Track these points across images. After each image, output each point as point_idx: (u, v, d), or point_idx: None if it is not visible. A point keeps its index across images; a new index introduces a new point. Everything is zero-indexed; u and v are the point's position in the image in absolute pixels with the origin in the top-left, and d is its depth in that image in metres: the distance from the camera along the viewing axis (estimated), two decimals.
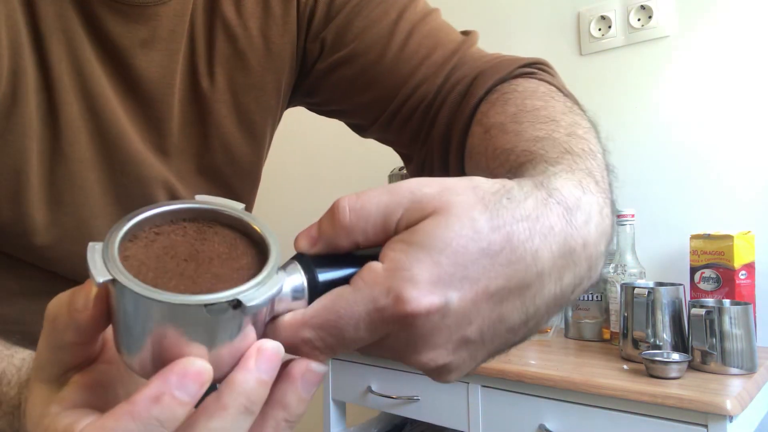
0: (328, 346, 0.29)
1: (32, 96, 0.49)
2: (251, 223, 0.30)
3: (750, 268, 1.31)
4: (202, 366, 0.26)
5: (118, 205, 0.55)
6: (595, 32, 1.64)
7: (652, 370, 1.12)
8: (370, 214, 0.29)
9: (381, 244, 0.30)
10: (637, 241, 1.44)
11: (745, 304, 1.19)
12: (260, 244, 0.29)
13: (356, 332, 0.28)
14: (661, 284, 1.32)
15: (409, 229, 0.29)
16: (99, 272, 0.25)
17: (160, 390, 0.25)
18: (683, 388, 1.05)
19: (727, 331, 1.14)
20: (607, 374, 1.15)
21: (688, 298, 1.34)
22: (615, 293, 1.38)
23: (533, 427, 1.20)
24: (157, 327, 0.25)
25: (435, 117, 0.57)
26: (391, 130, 0.62)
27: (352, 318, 0.28)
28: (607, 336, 1.43)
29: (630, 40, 1.60)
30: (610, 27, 1.62)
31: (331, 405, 1.60)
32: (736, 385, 1.07)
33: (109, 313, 0.28)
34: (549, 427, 1.17)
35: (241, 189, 0.64)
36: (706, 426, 1.01)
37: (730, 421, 0.99)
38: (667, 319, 1.24)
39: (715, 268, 1.32)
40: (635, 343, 1.25)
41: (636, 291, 1.26)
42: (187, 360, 0.25)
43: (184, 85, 0.57)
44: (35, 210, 0.51)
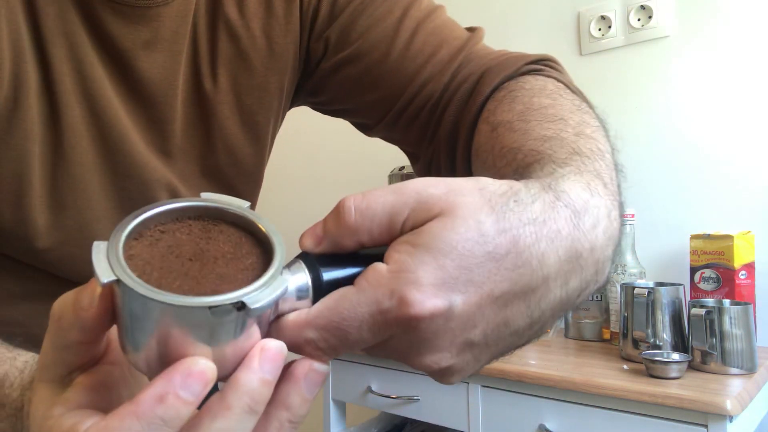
0: (331, 347, 0.29)
1: (34, 99, 0.49)
2: (256, 222, 0.30)
3: (750, 268, 1.31)
4: (205, 365, 0.26)
5: (120, 208, 0.55)
6: (595, 32, 1.64)
7: (652, 370, 1.12)
8: (376, 215, 0.29)
9: (386, 244, 0.30)
10: (637, 241, 1.44)
11: (745, 304, 1.19)
12: (265, 244, 0.29)
13: (359, 334, 0.28)
14: (661, 284, 1.32)
15: (415, 231, 0.29)
16: (103, 272, 0.25)
17: (165, 390, 0.25)
18: (683, 388, 1.05)
19: (727, 331, 1.14)
20: (607, 374, 1.15)
21: (688, 298, 1.34)
22: (615, 293, 1.38)
23: (533, 427, 1.20)
24: (161, 327, 0.25)
25: (442, 115, 0.57)
26: (397, 129, 0.61)
27: (355, 320, 0.28)
28: (607, 336, 1.43)
29: (630, 40, 1.60)
30: (610, 27, 1.62)
31: (331, 405, 1.60)
32: (736, 385, 1.07)
33: (114, 312, 0.28)
34: (549, 427, 1.17)
35: (244, 190, 0.64)
36: (706, 426, 1.01)
37: (730, 421, 0.99)
38: (667, 319, 1.24)
39: (715, 268, 1.32)
40: (635, 343, 1.25)
41: (636, 291, 1.26)
42: (191, 360, 0.25)
43: (186, 87, 0.57)
44: (37, 213, 0.50)
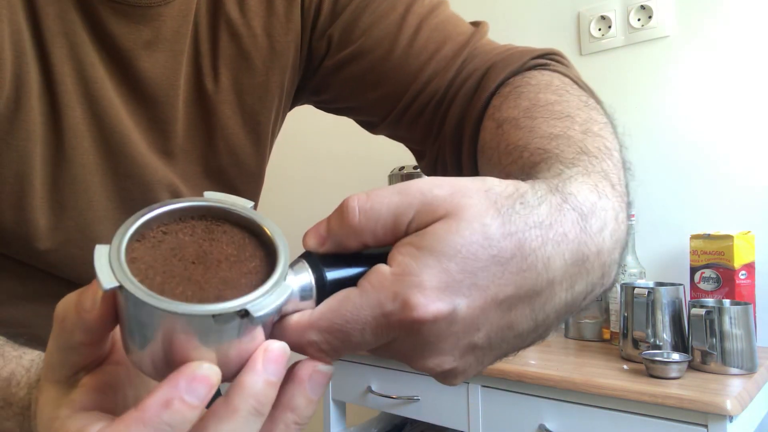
0: (334, 349, 0.29)
1: (35, 100, 0.48)
2: (260, 223, 0.29)
3: (750, 268, 1.31)
4: (209, 369, 0.26)
5: (122, 209, 0.55)
6: (595, 32, 1.64)
7: (652, 370, 1.12)
8: (380, 216, 0.29)
9: (390, 244, 0.29)
10: (637, 241, 1.44)
11: (745, 304, 1.19)
12: (269, 245, 0.29)
13: (362, 336, 0.28)
14: (661, 284, 1.32)
15: (419, 232, 0.28)
16: (106, 278, 0.25)
17: (170, 395, 0.25)
18: (683, 388, 1.05)
19: (727, 331, 1.14)
20: (607, 374, 1.15)
21: (688, 298, 1.34)
22: (615, 293, 1.38)
23: (533, 427, 1.20)
24: (165, 333, 0.25)
25: (446, 112, 0.56)
26: (401, 127, 0.61)
27: (358, 322, 0.28)
28: (607, 336, 1.43)
29: (630, 40, 1.60)
30: (610, 27, 1.62)
31: (331, 405, 1.60)
32: (736, 385, 1.07)
33: (117, 314, 0.28)
34: (549, 427, 1.17)
35: (246, 190, 0.64)
36: (706, 426, 1.01)
37: (730, 421, 0.99)
38: (667, 319, 1.24)
39: (715, 268, 1.32)
40: (635, 343, 1.25)
41: (636, 291, 1.26)
42: (195, 364, 0.25)
43: (188, 86, 0.57)
44: (38, 214, 0.50)
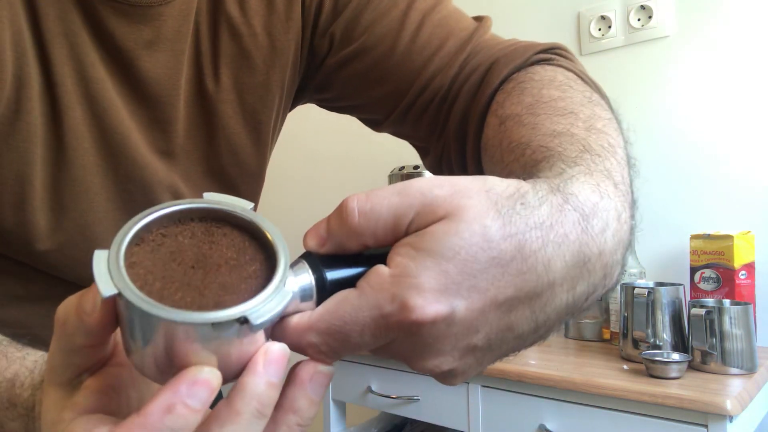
0: (333, 350, 0.29)
1: (36, 101, 0.48)
2: (261, 225, 0.29)
3: (750, 268, 1.31)
4: (210, 373, 0.26)
5: (122, 210, 0.55)
6: (595, 32, 1.64)
7: (652, 370, 1.12)
8: (380, 217, 0.29)
9: (391, 244, 0.29)
10: (637, 241, 1.44)
11: (745, 304, 1.19)
12: (269, 248, 0.29)
13: (361, 338, 0.28)
14: (661, 284, 1.32)
15: (418, 233, 0.28)
16: (104, 285, 0.25)
17: (172, 400, 0.25)
18: (683, 388, 1.05)
19: (727, 331, 1.14)
20: (607, 374, 1.15)
21: (688, 298, 1.34)
22: (615, 293, 1.37)
23: (533, 427, 1.20)
24: (164, 339, 0.25)
25: (450, 109, 0.56)
26: (405, 124, 0.61)
27: (356, 324, 0.28)
28: (607, 336, 1.43)
29: (630, 40, 1.60)
30: (610, 27, 1.62)
31: (331, 405, 1.60)
32: (736, 385, 1.07)
33: (117, 317, 0.28)
34: (549, 427, 1.17)
35: (247, 190, 0.64)
36: (706, 426, 1.01)
37: (730, 421, 0.99)
38: (667, 319, 1.24)
39: (715, 268, 1.32)
40: (635, 343, 1.25)
41: (636, 291, 1.26)
42: (196, 368, 0.25)
43: (189, 86, 0.57)
44: (38, 216, 0.50)
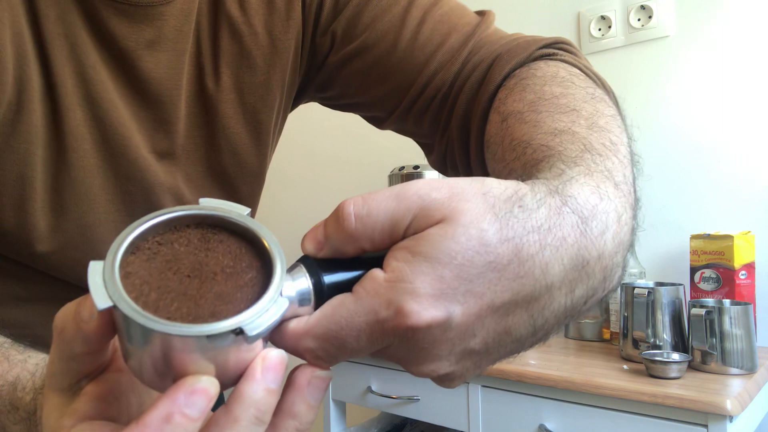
0: (330, 355, 0.28)
1: (37, 103, 0.48)
2: (257, 232, 0.29)
3: (750, 268, 1.31)
4: (208, 382, 0.26)
5: (123, 212, 0.55)
6: (595, 32, 1.65)
7: (652, 370, 1.12)
8: (377, 222, 0.28)
9: (389, 248, 0.29)
10: (637, 241, 1.43)
11: (745, 304, 1.19)
12: (265, 255, 0.29)
13: (357, 343, 0.28)
14: (661, 284, 1.32)
15: (415, 236, 0.28)
16: (100, 298, 0.25)
17: (170, 409, 0.25)
18: (683, 388, 1.05)
19: (727, 331, 1.14)
20: (607, 374, 1.15)
21: (688, 298, 1.34)
22: (615, 293, 1.38)
23: (533, 427, 1.20)
24: (161, 350, 0.25)
25: (453, 105, 0.55)
26: (408, 121, 0.60)
27: (352, 329, 0.28)
28: (607, 336, 1.43)
29: (630, 40, 1.60)
30: (610, 27, 1.62)
31: (331, 405, 1.60)
32: (736, 385, 1.07)
33: (115, 326, 0.27)
34: (549, 427, 1.17)
35: (248, 190, 0.63)
36: (706, 426, 1.01)
37: (730, 421, 0.99)
38: (667, 319, 1.24)
39: (715, 268, 1.32)
40: (635, 343, 1.25)
41: (636, 291, 1.26)
42: (194, 378, 0.25)
43: (190, 86, 0.56)
44: (38, 217, 0.50)
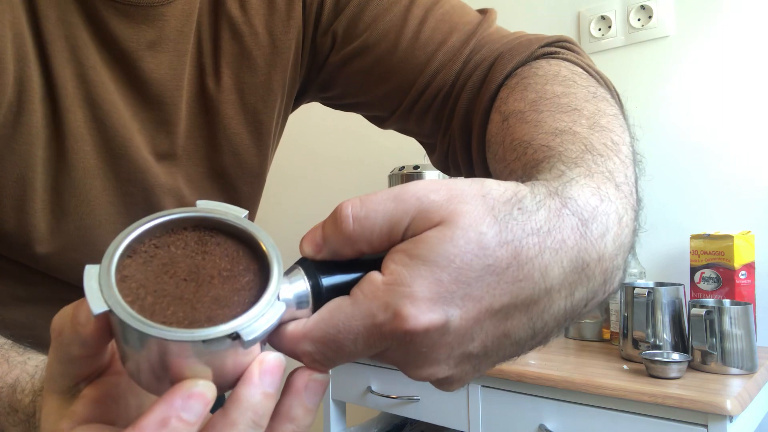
0: (328, 359, 0.28)
1: (37, 104, 0.48)
2: (255, 235, 0.29)
3: (750, 268, 1.31)
4: (205, 386, 0.25)
5: (124, 213, 0.55)
6: (595, 32, 1.64)
7: (652, 370, 1.12)
8: (376, 224, 0.28)
9: (387, 250, 0.29)
10: (637, 241, 1.44)
11: (745, 304, 1.19)
12: (263, 257, 0.28)
13: (355, 346, 0.28)
14: (661, 284, 1.32)
15: (413, 239, 0.28)
16: (95, 302, 0.25)
17: (166, 414, 0.25)
18: (683, 388, 1.05)
19: (727, 331, 1.14)
20: (607, 374, 1.15)
21: (688, 298, 1.34)
22: (615, 293, 1.37)
23: (533, 427, 1.20)
24: (158, 354, 0.25)
25: (455, 105, 0.55)
26: (410, 121, 0.60)
27: (350, 332, 0.27)
28: (607, 336, 1.43)
29: (630, 40, 1.60)
30: (610, 27, 1.62)
31: (331, 405, 1.60)
32: (736, 385, 1.07)
33: (111, 329, 0.27)
34: (549, 427, 1.17)
35: (249, 191, 0.63)
36: (706, 426, 1.01)
37: (730, 421, 0.99)
38: (667, 319, 1.24)
39: (715, 268, 1.32)
40: (635, 343, 1.25)
41: (636, 291, 1.26)
42: (190, 382, 0.25)
43: (191, 87, 0.56)
44: (38, 218, 0.50)
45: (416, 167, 1.69)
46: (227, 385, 0.27)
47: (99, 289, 0.25)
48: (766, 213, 1.42)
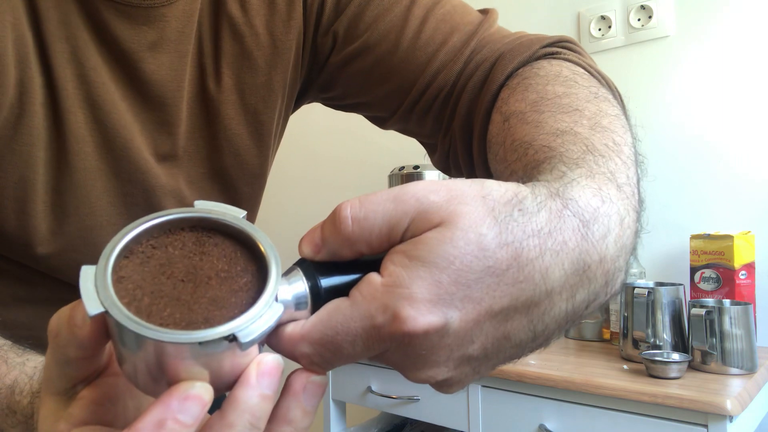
0: (326, 361, 0.28)
1: (38, 105, 0.48)
2: (253, 235, 0.28)
3: (750, 268, 1.31)
4: (202, 388, 0.25)
5: (125, 215, 0.55)
6: (595, 32, 1.64)
7: (652, 370, 1.12)
8: (375, 225, 0.28)
9: (386, 251, 0.29)
10: (639, 243, 1.44)
11: (745, 304, 1.19)
12: (261, 258, 0.28)
13: (353, 348, 0.27)
14: (661, 284, 1.32)
15: (413, 240, 0.27)
16: (91, 303, 0.24)
17: (163, 416, 0.24)
18: (683, 388, 1.05)
19: (727, 331, 1.14)
20: (607, 374, 1.15)
21: (688, 298, 1.34)
22: (617, 295, 1.37)
23: (533, 427, 1.20)
24: (154, 356, 0.25)
25: (456, 105, 0.55)
26: (411, 121, 0.60)
27: (348, 334, 0.27)
28: (607, 336, 1.43)
29: (630, 40, 1.60)
30: (610, 27, 1.62)
31: (331, 405, 1.60)
32: (736, 385, 1.07)
33: (108, 331, 0.27)
34: (549, 427, 1.17)
35: (249, 192, 0.63)
36: (706, 426, 1.01)
37: (730, 421, 0.99)
38: (667, 319, 1.24)
39: (715, 268, 1.32)
40: (635, 343, 1.25)
41: (636, 291, 1.26)
42: (187, 384, 0.25)
43: (191, 87, 0.56)
44: (40, 219, 0.50)
45: (416, 167, 1.70)
46: (225, 386, 0.27)
47: (95, 290, 0.25)
48: (766, 213, 1.42)
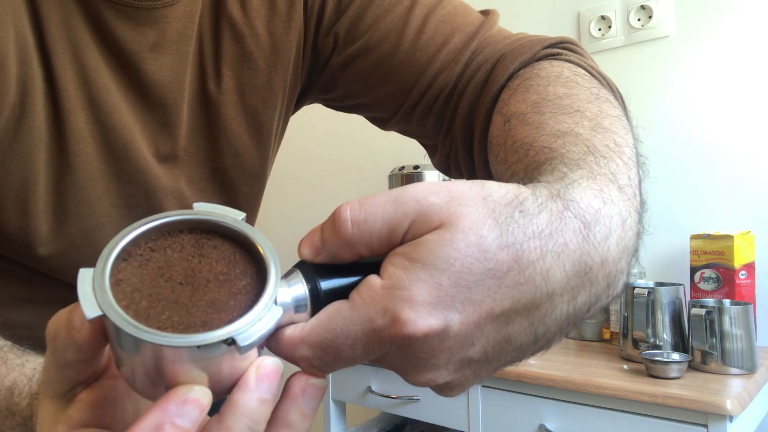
0: (325, 364, 0.28)
1: (40, 106, 0.48)
2: (252, 238, 0.28)
3: (750, 268, 1.31)
4: (200, 392, 0.25)
5: (126, 215, 0.55)
6: (595, 32, 1.64)
7: (652, 370, 1.12)
8: (375, 227, 0.28)
9: (386, 253, 0.28)
10: (641, 244, 1.44)
11: (745, 304, 1.19)
12: (260, 260, 0.28)
13: (353, 351, 0.27)
14: (661, 284, 1.32)
15: (413, 242, 0.27)
16: (89, 306, 0.24)
17: (161, 419, 0.24)
18: (683, 388, 1.06)
19: (727, 331, 1.14)
20: (607, 374, 1.15)
21: (688, 298, 1.34)
22: (619, 297, 1.37)
23: (533, 427, 1.20)
24: (152, 359, 0.25)
25: (456, 106, 0.55)
26: (412, 122, 0.60)
27: (348, 337, 0.27)
28: (607, 336, 1.43)
29: (630, 40, 1.60)
30: (610, 27, 1.62)
31: (331, 405, 1.60)
32: (736, 385, 1.07)
33: (106, 333, 0.27)
34: (549, 427, 1.17)
35: (249, 192, 0.63)
36: (706, 426, 1.01)
37: (730, 421, 0.99)
38: (667, 319, 1.24)
39: (715, 268, 1.32)
40: (635, 343, 1.25)
41: (636, 291, 1.26)
42: (186, 387, 0.25)
43: (192, 88, 0.56)
44: (41, 220, 0.50)
45: (416, 167, 1.70)
46: (224, 390, 0.26)
47: (93, 293, 0.24)
48: (766, 213, 1.42)
